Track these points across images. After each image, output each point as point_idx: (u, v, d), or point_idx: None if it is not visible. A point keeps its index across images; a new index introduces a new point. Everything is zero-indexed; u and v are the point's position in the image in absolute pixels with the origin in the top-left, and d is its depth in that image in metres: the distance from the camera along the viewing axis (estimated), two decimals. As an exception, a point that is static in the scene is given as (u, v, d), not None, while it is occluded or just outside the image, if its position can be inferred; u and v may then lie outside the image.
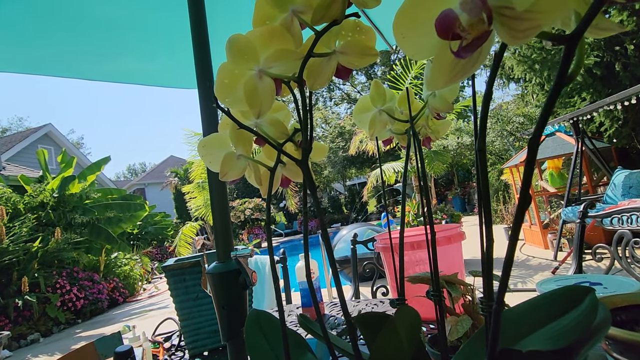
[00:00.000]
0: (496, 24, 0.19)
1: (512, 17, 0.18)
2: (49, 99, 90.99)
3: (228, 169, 0.37)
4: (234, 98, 0.32)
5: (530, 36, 0.18)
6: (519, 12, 0.18)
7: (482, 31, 0.19)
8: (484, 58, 0.21)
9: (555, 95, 0.18)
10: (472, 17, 0.19)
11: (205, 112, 0.74)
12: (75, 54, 1.53)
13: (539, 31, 0.18)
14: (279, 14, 0.30)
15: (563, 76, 0.18)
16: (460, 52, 0.20)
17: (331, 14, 0.28)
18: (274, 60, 0.30)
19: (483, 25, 0.19)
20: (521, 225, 0.21)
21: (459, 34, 0.19)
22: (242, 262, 0.70)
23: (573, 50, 0.18)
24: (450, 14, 0.19)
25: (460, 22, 0.19)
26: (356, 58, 0.31)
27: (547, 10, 0.17)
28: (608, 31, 0.22)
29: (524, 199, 0.21)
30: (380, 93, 0.46)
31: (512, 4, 0.18)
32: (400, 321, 0.31)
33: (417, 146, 0.45)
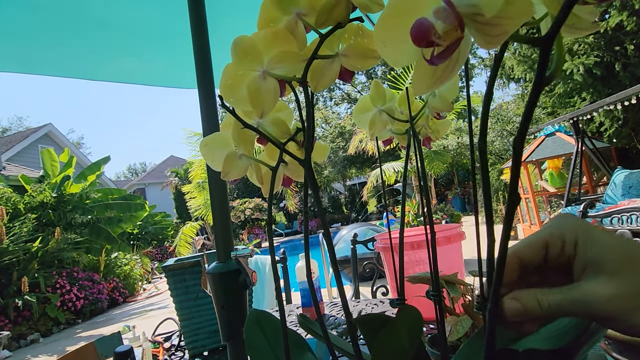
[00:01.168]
0: (470, 29, 0.19)
1: (483, 23, 0.19)
2: (49, 99, 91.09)
3: (230, 168, 0.37)
4: (238, 98, 0.32)
5: (502, 40, 0.19)
6: (489, 18, 0.19)
7: (456, 38, 0.20)
8: (462, 62, 0.21)
9: (535, 96, 0.19)
10: (446, 24, 0.19)
11: (206, 112, 0.74)
12: (75, 54, 1.53)
13: (508, 35, 0.19)
14: (283, 16, 0.31)
15: (541, 77, 0.19)
16: (433, 60, 0.21)
17: (334, 17, 0.29)
18: (278, 61, 0.30)
19: (456, 32, 0.19)
20: (512, 223, 0.22)
21: (434, 41, 0.20)
22: (242, 262, 0.70)
23: (548, 52, 0.18)
24: (424, 22, 0.20)
25: (436, 30, 0.20)
26: (358, 61, 0.31)
27: (514, 16, 0.18)
28: (586, 30, 0.23)
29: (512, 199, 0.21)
30: (380, 93, 0.46)
31: (481, 10, 0.19)
32: (401, 321, 0.31)
33: (417, 146, 0.45)
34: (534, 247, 0.26)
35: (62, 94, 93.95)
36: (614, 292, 0.22)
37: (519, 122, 3.88)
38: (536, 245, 0.26)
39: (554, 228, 0.26)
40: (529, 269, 0.27)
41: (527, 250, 0.26)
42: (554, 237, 0.25)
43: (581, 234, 0.24)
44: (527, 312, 0.24)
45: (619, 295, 0.22)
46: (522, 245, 0.27)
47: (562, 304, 0.23)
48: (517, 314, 0.24)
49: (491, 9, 0.18)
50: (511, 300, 0.25)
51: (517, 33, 0.20)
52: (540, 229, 0.27)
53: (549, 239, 0.25)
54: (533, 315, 0.24)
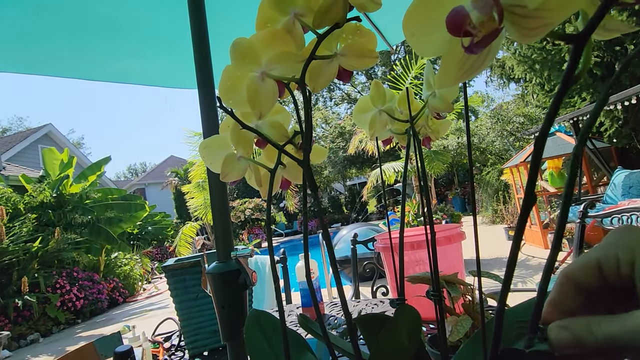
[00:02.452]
0: (507, 22, 0.19)
1: (522, 16, 0.18)
2: (50, 100, 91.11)
3: (229, 170, 0.37)
4: (237, 100, 0.32)
5: (541, 34, 0.18)
6: (530, 10, 0.18)
7: (493, 29, 0.19)
8: (493, 55, 0.21)
9: (562, 94, 0.19)
10: (483, 14, 0.19)
11: (206, 112, 0.74)
12: (76, 54, 1.53)
13: (549, 29, 0.18)
14: (280, 17, 0.31)
15: (570, 75, 0.18)
16: (472, 48, 0.20)
17: (332, 17, 0.29)
18: (276, 62, 0.30)
19: (494, 23, 0.19)
20: (525, 226, 0.21)
21: (469, 31, 0.19)
22: (242, 262, 0.70)
23: (581, 50, 0.18)
24: (461, 11, 0.19)
25: (471, 20, 0.19)
26: (356, 60, 0.31)
27: (557, 8, 0.17)
28: (615, 32, 0.22)
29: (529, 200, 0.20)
30: (380, 93, 0.46)
31: (523, 2, 0.18)
32: (401, 321, 0.31)
33: (417, 146, 0.45)
34: (587, 269, 0.23)
35: (62, 95, 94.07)
36: None
37: (519, 122, 3.90)
38: (589, 267, 0.22)
39: (608, 247, 0.22)
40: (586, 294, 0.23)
41: (580, 272, 0.23)
42: (609, 258, 0.22)
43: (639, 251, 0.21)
44: (578, 343, 0.20)
45: None
46: (574, 266, 0.23)
47: (618, 334, 0.20)
48: (565, 346, 0.21)
49: (535, 0, 0.18)
50: (560, 329, 0.21)
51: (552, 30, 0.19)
52: (594, 247, 0.23)
53: (602, 260, 0.22)
54: (587, 347, 0.20)
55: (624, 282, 0.21)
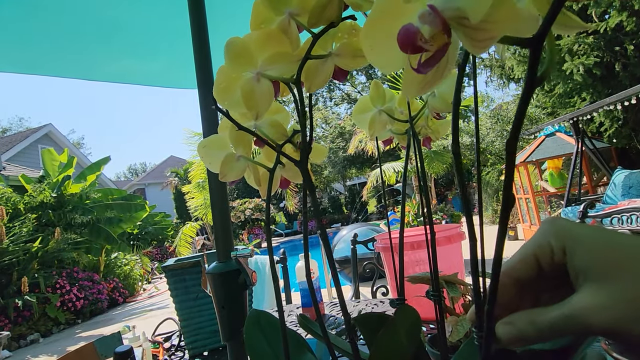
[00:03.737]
0: (458, 34, 0.19)
1: (470, 28, 0.18)
2: (50, 100, 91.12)
3: (228, 170, 0.37)
4: (232, 101, 0.32)
5: (490, 45, 0.18)
6: (475, 23, 0.18)
7: (443, 43, 0.19)
8: (450, 67, 0.21)
9: (527, 97, 0.19)
10: (432, 29, 0.19)
11: (205, 113, 0.74)
12: (76, 54, 1.53)
13: (496, 40, 0.18)
14: (275, 16, 0.30)
15: (533, 78, 0.18)
16: (420, 68, 0.20)
17: (327, 16, 0.28)
18: (271, 63, 0.30)
19: (443, 37, 0.19)
20: (507, 224, 0.21)
21: (421, 47, 0.19)
22: (242, 262, 0.70)
23: (539, 52, 0.18)
24: (411, 28, 0.19)
25: (422, 35, 0.19)
26: (352, 60, 0.31)
27: (500, 21, 0.18)
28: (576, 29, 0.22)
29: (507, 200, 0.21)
30: (380, 93, 0.46)
31: (467, 15, 0.18)
32: (400, 321, 0.31)
33: (417, 146, 0.45)
34: (525, 261, 0.24)
35: (63, 95, 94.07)
36: (606, 301, 0.20)
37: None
38: (526, 259, 0.24)
39: (541, 237, 0.23)
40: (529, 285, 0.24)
41: (520, 265, 0.24)
42: (544, 247, 0.23)
43: (568, 238, 0.22)
44: (523, 336, 0.22)
45: (614, 305, 0.19)
46: (513, 261, 0.25)
47: (557, 322, 0.21)
48: (513, 340, 0.22)
49: (477, 14, 0.18)
50: (505, 325, 0.23)
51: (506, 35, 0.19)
52: (527, 241, 0.25)
53: (537, 250, 0.23)
54: (531, 339, 0.22)
55: (557, 268, 0.23)
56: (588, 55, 5.03)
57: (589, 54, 5.04)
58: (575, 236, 0.22)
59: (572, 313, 0.20)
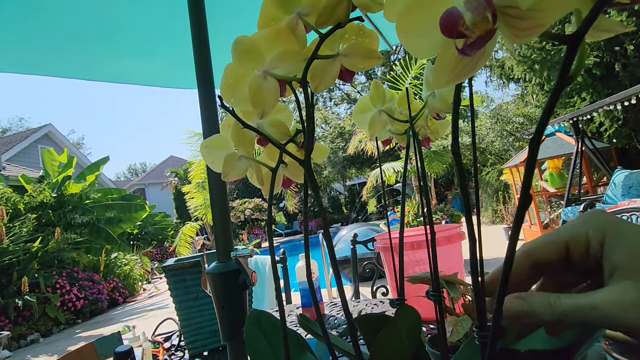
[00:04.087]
0: (500, 22, 0.19)
1: (515, 16, 0.18)
2: (50, 100, 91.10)
3: (230, 169, 0.37)
4: (239, 98, 0.32)
5: (534, 35, 0.18)
6: (523, 10, 0.18)
7: (487, 30, 0.19)
8: (487, 57, 0.21)
9: (556, 95, 0.18)
10: (476, 15, 0.19)
11: (205, 113, 0.74)
12: (76, 54, 1.53)
13: (542, 30, 0.18)
14: (283, 15, 0.31)
15: (564, 76, 0.18)
16: (466, 50, 0.20)
17: (335, 17, 0.29)
18: (279, 61, 0.30)
19: (487, 24, 0.19)
20: (521, 225, 0.21)
21: (462, 33, 0.19)
22: (242, 262, 0.70)
23: (575, 50, 0.18)
24: (454, 12, 0.19)
25: (464, 21, 0.19)
26: (359, 61, 0.31)
27: (549, 9, 0.17)
28: (609, 32, 0.22)
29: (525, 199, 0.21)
30: (380, 93, 0.46)
31: (516, 2, 0.18)
32: (401, 321, 0.31)
33: (417, 146, 0.45)
34: (552, 246, 0.24)
35: (63, 95, 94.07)
36: None
37: (518, 123, 3.89)
38: (554, 245, 0.24)
39: (578, 226, 0.23)
40: (543, 270, 0.24)
41: (543, 250, 0.24)
42: (579, 237, 0.23)
43: (610, 232, 0.22)
44: (533, 314, 0.22)
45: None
46: (537, 243, 0.24)
47: (580, 310, 0.21)
48: (519, 315, 0.22)
49: (527, 1, 0.18)
50: (516, 299, 0.22)
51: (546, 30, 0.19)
52: (561, 227, 0.24)
53: (571, 239, 0.23)
54: (539, 319, 0.21)
55: (589, 261, 0.22)
56: (588, 55, 5.04)
57: (588, 54, 5.04)
58: (618, 232, 0.22)
59: (600, 304, 0.20)
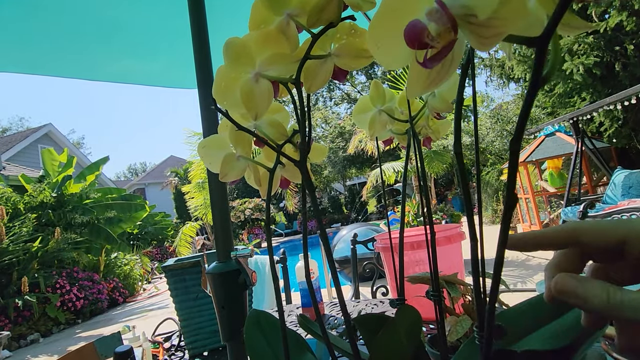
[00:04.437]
0: (464, 31, 0.19)
1: (476, 25, 0.18)
2: (51, 100, 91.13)
3: (228, 169, 0.37)
4: (232, 101, 0.32)
5: (496, 42, 0.19)
6: (483, 20, 0.18)
7: (449, 40, 0.19)
8: (456, 64, 0.21)
9: (531, 97, 0.19)
10: (439, 26, 0.19)
11: (205, 113, 0.74)
12: (76, 54, 1.53)
13: (503, 37, 0.18)
14: (274, 17, 0.30)
15: (538, 78, 0.18)
16: (426, 63, 0.20)
17: (326, 16, 0.29)
18: (270, 63, 0.30)
19: (450, 34, 0.19)
20: (509, 224, 0.22)
21: (427, 43, 0.20)
22: (242, 262, 0.70)
23: (544, 52, 0.18)
24: (417, 24, 0.19)
25: (429, 32, 0.19)
26: (351, 60, 0.31)
27: (508, 17, 0.18)
28: (580, 29, 0.22)
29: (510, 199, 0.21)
30: (380, 93, 0.46)
31: (474, 12, 0.18)
32: (400, 321, 0.31)
33: (417, 146, 0.45)
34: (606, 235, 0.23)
35: (63, 95, 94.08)
36: None
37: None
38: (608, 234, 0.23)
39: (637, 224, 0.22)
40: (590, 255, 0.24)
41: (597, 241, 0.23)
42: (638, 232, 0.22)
43: None
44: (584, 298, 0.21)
45: None
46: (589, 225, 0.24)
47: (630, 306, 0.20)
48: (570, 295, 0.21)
49: (485, 10, 0.18)
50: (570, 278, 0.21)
51: (511, 33, 0.19)
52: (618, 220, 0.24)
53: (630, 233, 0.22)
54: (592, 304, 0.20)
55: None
56: (588, 55, 5.04)
57: (588, 54, 5.04)
58: None
59: None
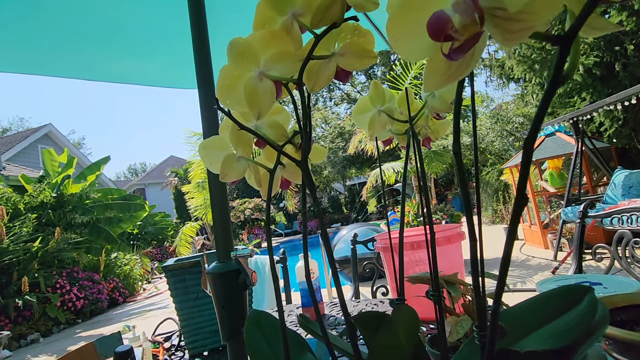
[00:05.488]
0: (489, 25, 0.19)
1: (504, 18, 0.18)
2: (51, 100, 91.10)
3: (228, 170, 0.37)
4: (235, 100, 0.32)
5: (524, 37, 0.18)
6: (512, 13, 0.18)
7: (474, 32, 0.19)
8: (477, 59, 0.21)
9: (550, 95, 0.18)
10: (464, 18, 0.19)
11: (205, 112, 0.74)
12: (76, 54, 1.53)
13: (532, 32, 0.18)
14: (278, 17, 0.30)
15: (558, 76, 0.18)
16: (452, 54, 0.19)
17: (330, 17, 0.29)
18: (274, 62, 0.30)
19: (475, 27, 0.19)
20: (517, 226, 0.21)
21: (451, 36, 0.19)
22: (242, 262, 0.70)
23: (567, 50, 0.18)
24: (442, 16, 0.19)
25: (453, 24, 0.19)
26: (355, 60, 0.31)
27: (539, 11, 0.17)
28: (602, 30, 0.22)
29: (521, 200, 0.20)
30: (380, 93, 0.46)
31: (504, 5, 0.18)
32: (399, 320, 0.31)
33: (417, 146, 0.45)
34: None
35: (63, 95, 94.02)
36: None
37: (518, 123, 3.88)
38: None
39: None
40: None
41: None
42: None
43: None
44: None
45: None
46: None
47: None
48: None
49: (516, 4, 0.17)
50: None
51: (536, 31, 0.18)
52: None
53: None
54: None
55: None
56: (588, 55, 5.03)
57: (588, 54, 5.04)
58: None
59: None
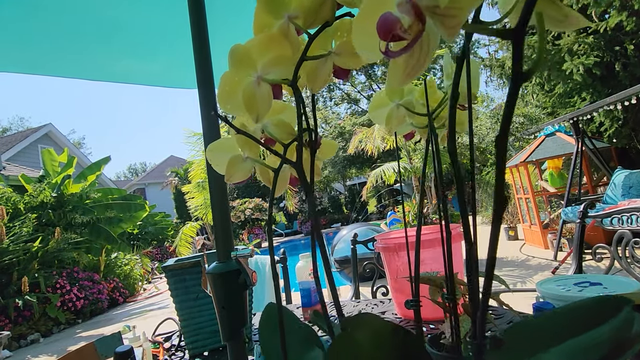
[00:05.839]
0: (434, 22, 0.20)
1: (440, 15, 0.19)
2: (52, 100, 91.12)
3: (234, 171, 0.37)
4: (235, 105, 0.32)
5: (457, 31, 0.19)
6: (443, 9, 0.19)
7: (418, 31, 0.20)
8: (429, 57, 0.22)
9: (514, 93, 0.19)
10: (409, 17, 0.20)
11: (205, 112, 0.74)
12: (76, 54, 1.53)
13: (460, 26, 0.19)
14: (275, 21, 0.31)
15: (518, 72, 0.18)
16: (388, 52, 0.21)
17: (322, 16, 0.29)
18: (271, 66, 0.31)
19: (418, 26, 0.20)
20: (500, 225, 0.22)
21: (399, 35, 0.20)
22: (242, 262, 0.70)
23: (520, 45, 0.18)
24: (389, 17, 0.20)
25: (402, 24, 0.20)
26: (351, 58, 0.32)
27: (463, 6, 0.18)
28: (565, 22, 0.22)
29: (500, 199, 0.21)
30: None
31: (437, 2, 0.19)
32: (358, 331, 0.28)
33: (434, 141, 0.44)
34: None
35: (63, 95, 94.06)
36: None
37: (519, 122, 3.88)
38: None
39: None
40: None
41: None
42: None
43: None
44: None
45: None
46: None
47: None
48: None
49: None
50: None
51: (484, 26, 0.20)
52: None
53: None
54: None
55: None
56: (588, 55, 5.03)
57: (588, 54, 5.04)
58: None
59: None
